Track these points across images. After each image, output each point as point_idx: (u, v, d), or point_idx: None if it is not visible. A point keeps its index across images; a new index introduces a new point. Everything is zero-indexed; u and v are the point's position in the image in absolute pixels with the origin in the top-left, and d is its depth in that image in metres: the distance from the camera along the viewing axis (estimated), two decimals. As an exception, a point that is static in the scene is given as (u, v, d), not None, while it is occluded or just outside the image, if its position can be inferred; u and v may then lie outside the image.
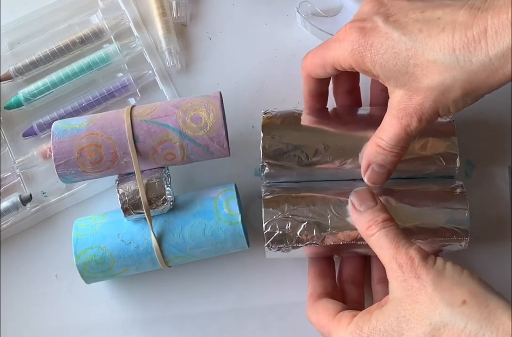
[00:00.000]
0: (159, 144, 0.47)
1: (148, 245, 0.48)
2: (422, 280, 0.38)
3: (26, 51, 0.57)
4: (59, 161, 0.47)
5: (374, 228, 0.42)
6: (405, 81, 0.39)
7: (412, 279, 0.38)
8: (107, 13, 0.57)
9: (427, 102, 0.39)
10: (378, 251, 0.41)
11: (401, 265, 0.39)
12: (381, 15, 0.41)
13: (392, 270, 0.40)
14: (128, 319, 0.53)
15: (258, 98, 0.56)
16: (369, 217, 0.43)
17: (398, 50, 0.39)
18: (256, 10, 0.58)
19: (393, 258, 0.40)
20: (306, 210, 0.46)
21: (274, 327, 0.52)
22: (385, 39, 0.39)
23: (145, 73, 0.56)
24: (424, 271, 0.38)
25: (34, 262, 0.54)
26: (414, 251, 0.39)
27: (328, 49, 0.44)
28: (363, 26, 0.41)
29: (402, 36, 0.39)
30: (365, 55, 0.40)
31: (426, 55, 0.38)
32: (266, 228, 0.46)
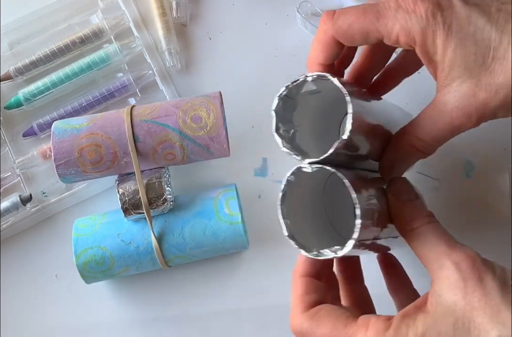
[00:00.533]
0: (159, 144, 0.47)
1: (148, 245, 0.48)
2: (487, 286, 0.33)
3: (26, 51, 0.57)
4: (59, 161, 0.47)
5: (418, 221, 0.37)
6: (476, 73, 0.35)
7: (474, 280, 0.33)
8: (107, 13, 0.57)
9: (494, 101, 0.35)
10: (420, 247, 0.36)
11: (457, 263, 0.34)
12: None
13: (442, 268, 0.34)
14: (128, 319, 0.53)
15: (258, 98, 0.56)
16: (412, 209, 0.38)
17: (480, 38, 0.35)
18: (256, 10, 0.58)
19: (445, 255, 0.34)
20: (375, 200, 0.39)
21: (274, 327, 0.52)
22: (467, 23, 0.35)
23: (145, 73, 0.56)
24: (488, 275, 0.33)
25: (34, 262, 0.54)
26: (471, 251, 0.35)
27: (385, 17, 0.36)
28: (439, 2, 0.35)
29: (487, 24, 0.35)
30: (439, 34, 0.35)
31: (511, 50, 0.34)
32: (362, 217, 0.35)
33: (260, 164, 0.54)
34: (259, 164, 0.54)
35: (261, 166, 0.54)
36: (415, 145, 0.38)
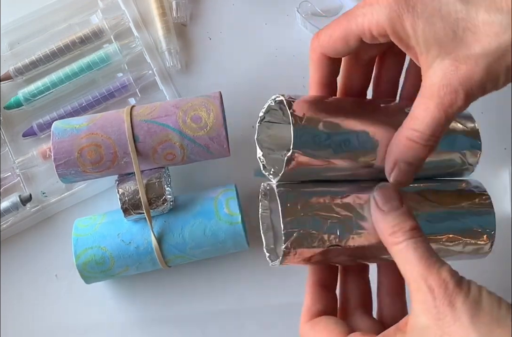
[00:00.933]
0: (159, 144, 0.47)
1: (148, 245, 0.48)
2: (457, 311, 0.33)
3: (26, 51, 0.57)
4: (59, 161, 0.47)
5: (400, 236, 0.37)
6: (451, 48, 0.34)
7: (445, 307, 0.33)
8: (107, 13, 0.57)
9: (477, 72, 0.34)
10: (402, 265, 0.36)
11: (432, 288, 0.34)
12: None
13: (419, 292, 0.35)
14: (128, 319, 0.53)
15: (258, 98, 0.56)
16: (394, 221, 0.38)
17: (446, 13, 0.34)
18: (256, 10, 0.58)
19: (422, 278, 0.35)
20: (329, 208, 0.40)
21: (274, 327, 0.52)
22: (430, 0, 0.35)
23: (145, 73, 0.56)
24: (459, 300, 0.33)
25: (34, 262, 0.54)
26: (447, 273, 0.34)
27: (354, 16, 0.38)
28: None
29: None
30: (405, 18, 0.35)
31: (481, 17, 0.34)
32: (286, 227, 0.39)
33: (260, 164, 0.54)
34: (259, 164, 0.54)
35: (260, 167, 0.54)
36: (412, 138, 0.37)
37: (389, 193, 0.39)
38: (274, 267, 0.50)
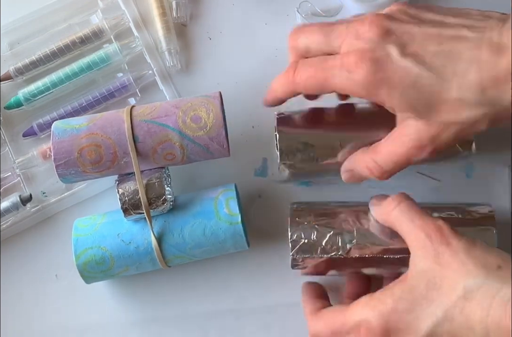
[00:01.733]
0: (159, 144, 0.47)
1: (148, 245, 0.48)
2: (454, 247, 0.38)
3: (26, 51, 0.57)
4: (59, 161, 0.47)
5: (391, 203, 0.42)
6: (425, 114, 0.38)
7: (443, 246, 0.38)
8: (107, 13, 0.57)
9: (448, 135, 0.38)
10: (399, 224, 0.41)
11: (429, 234, 0.39)
12: (394, 44, 0.38)
13: (417, 240, 0.39)
14: (128, 319, 0.53)
15: (258, 98, 0.56)
16: (386, 202, 0.43)
17: (421, 86, 0.37)
18: (256, 10, 0.58)
19: (419, 228, 0.39)
20: (331, 221, 0.46)
21: (274, 327, 0.52)
22: (406, 74, 0.37)
23: (145, 73, 0.56)
24: (455, 239, 0.38)
25: (34, 262, 0.54)
26: (441, 222, 0.39)
27: (331, 75, 0.40)
28: (376, 57, 0.38)
29: (425, 71, 0.37)
30: (380, 88, 0.38)
31: (454, 93, 0.37)
32: (292, 236, 0.46)
33: (260, 164, 0.54)
34: (259, 164, 0.54)
35: (261, 166, 0.54)
36: (370, 167, 0.42)
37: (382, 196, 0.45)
38: (274, 267, 0.51)
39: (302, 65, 0.42)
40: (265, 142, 0.53)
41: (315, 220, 0.46)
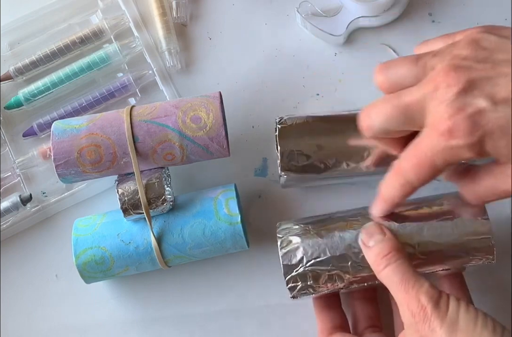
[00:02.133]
0: (159, 144, 0.47)
1: (147, 245, 0.48)
2: (437, 334, 0.37)
3: (26, 51, 0.57)
4: (59, 161, 0.47)
5: (380, 264, 0.41)
6: None
7: (426, 331, 0.37)
8: (107, 13, 0.57)
9: None
10: (390, 289, 0.41)
11: (413, 313, 0.38)
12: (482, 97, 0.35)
13: (404, 316, 0.39)
14: (128, 319, 0.53)
15: (258, 98, 0.56)
16: (376, 251, 0.42)
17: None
18: (256, 10, 0.58)
19: (404, 303, 0.39)
20: (325, 261, 0.44)
21: (274, 327, 0.52)
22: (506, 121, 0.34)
23: (145, 73, 0.56)
24: (437, 323, 0.37)
25: (34, 262, 0.54)
26: (424, 297, 0.38)
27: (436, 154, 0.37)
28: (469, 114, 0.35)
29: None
30: (485, 145, 0.35)
31: None
32: (288, 283, 0.45)
33: (260, 164, 0.54)
34: (259, 164, 0.54)
35: (261, 166, 0.54)
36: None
37: (372, 229, 0.43)
38: (274, 267, 0.51)
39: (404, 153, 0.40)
40: (265, 142, 0.54)
41: (308, 262, 0.45)
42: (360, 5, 0.54)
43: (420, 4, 0.56)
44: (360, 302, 0.49)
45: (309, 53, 0.56)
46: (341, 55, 0.56)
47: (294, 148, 0.48)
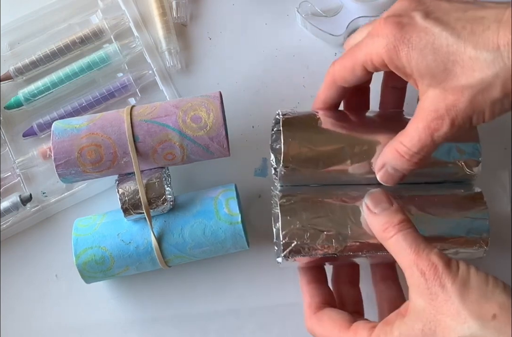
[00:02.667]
0: (159, 144, 0.47)
1: (148, 245, 0.48)
2: (448, 290, 0.36)
3: (26, 51, 0.57)
4: (59, 161, 0.47)
5: (390, 231, 0.40)
6: (441, 79, 0.38)
7: (437, 288, 0.37)
8: (107, 13, 0.57)
9: (463, 102, 0.37)
10: (396, 256, 0.40)
11: (423, 272, 0.37)
12: (419, 11, 0.39)
13: (413, 277, 0.38)
14: (128, 319, 0.53)
15: (258, 98, 0.56)
16: (384, 219, 0.41)
17: (438, 46, 0.37)
18: (256, 10, 0.58)
19: (414, 264, 0.38)
20: (325, 219, 0.44)
21: (274, 327, 0.52)
22: (425, 34, 0.38)
23: (145, 73, 0.56)
24: (449, 280, 0.36)
25: (34, 262, 0.54)
26: (436, 256, 0.38)
27: (360, 47, 0.42)
28: (399, 21, 0.39)
29: (444, 31, 0.37)
30: (401, 49, 0.38)
31: (468, 52, 0.36)
32: (284, 238, 0.44)
33: (260, 164, 0.54)
34: (259, 164, 0.54)
35: (261, 166, 0.55)
36: (399, 151, 0.41)
37: (379, 196, 0.43)
38: (274, 267, 0.51)
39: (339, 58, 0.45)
40: (265, 142, 0.53)
41: (307, 219, 0.44)
42: (360, 5, 0.54)
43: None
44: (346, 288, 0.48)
45: (309, 53, 0.56)
46: (341, 55, 0.56)
47: (298, 139, 0.45)
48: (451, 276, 0.37)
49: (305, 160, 0.45)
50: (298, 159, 0.45)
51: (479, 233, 0.45)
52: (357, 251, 0.44)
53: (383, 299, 0.48)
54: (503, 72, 0.36)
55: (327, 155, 0.45)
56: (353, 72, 0.43)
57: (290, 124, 0.46)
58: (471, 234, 0.44)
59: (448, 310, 0.36)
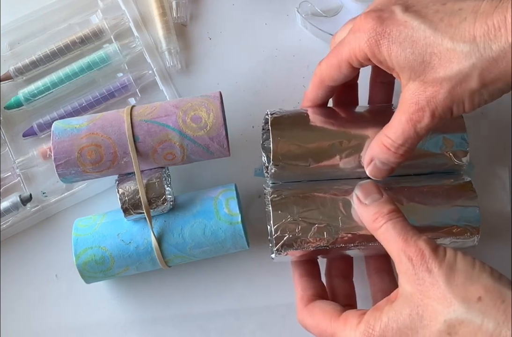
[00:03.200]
0: (159, 144, 0.47)
1: (148, 245, 0.48)
2: (434, 275, 0.37)
3: (26, 51, 0.57)
4: (59, 161, 0.47)
5: (380, 221, 0.41)
6: (420, 71, 0.38)
7: (424, 273, 0.37)
8: (107, 13, 0.57)
9: (442, 94, 0.38)
10: (386, 244, 0.40)
11: (410, 258, 0.38)
12: (399, 5, 0.40)
13: (401, 263, 0.38)
14: (128, 319, 0.53)
15: (258, 98, 0.56)
16: (374, 210, 0.42)
17: (417, 38, 0.38)
18: (256, 10, 0.58)
19: (401, 251, 0.39)
20: (316, 212, 0.45)
21: (274, 327, 0.52)
22: (404, 27, 0.38)
23: (145, 73, 0.56)
24: (435, 265, 0.37)
25: (34, 262, 0.54)
26: (423, 243, 0.38)
27: (343, 44, 0.42)
28: (380, 15, 0.40)
29: (422, 24, 0.38)
30: (381, 43, 0.39)
31: (445, 44, 0.37)
32: (276, 232, 0.45)
33: (260, 164, 0.54)
34: (259, 164, 0.54)
35: (261, 166, 0.54)
36: (385, 144, 0.41)
37: (369, 188, 0.44)
38: (274, 267, 0.51)
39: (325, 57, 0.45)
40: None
41: (298, 213, 0.45)
42: (360, 5, 0.54)
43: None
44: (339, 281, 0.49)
45: (309, 53, 0.56)
46: (341, 55, 0.56)
47: (286, 137, 0.46)
48: (438, 261, 0.37)
49: (295, 158, 0.46)
50: (287, 157, 0.46)
51: (470, 221, 0.45)
52: (349, 243, 0.45)
53: (377, 290, 0.48)
54: (480, 63, 0.36)
55: (316, 151, 0.46)
56: (339, 70, 0.43)
57: (278, 123, 0.46)
58: (462, 222, 0.45)
59: (434, 294, 0.36)
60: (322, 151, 0.46)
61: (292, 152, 0.46)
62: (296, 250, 0.45)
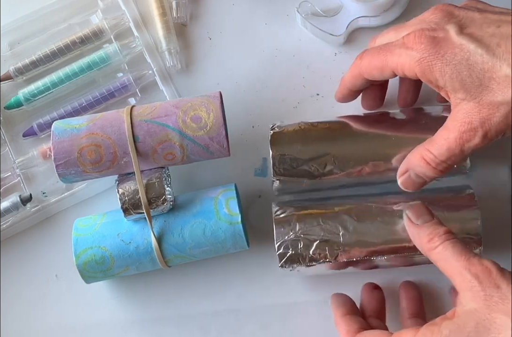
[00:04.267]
0: (159, 144, 0.47)
1: (148, 245, 0.48)
2: (503, 290, 0.37)
3: (26, 51, 0.57)
4: (59, 161, 0.47)
5: (436, 241, 0.41)
6: (477, 93, 0.39)
7: (491, 289, 0.37)
8: (107, 13, 0.57)
9: (497, 117, 0.38)
10: (443, 263, 0.41)
11: (476, 275, 0.38)
12: (454, 25, 0.40)
13: (464, 281, 0.39)
14: (128, 319, 0.53)
15: (258, 98, 0.56)
16: (429, 230, 0.42)
17: (474, 62, 0.39)
18: (256, 10, 0.58)
19: (465, 269, 0.39)
20: (317, 229, 0.47)
21: (274, 327, 0.52)
22: (460, 50, 0.39)
23: (145, 73, 0.56)
24: (504, 281, 0.37)
25: (34, 262, 0.54)
26: (489, 262, 0.39)
27: (392, 53, 0.43)
28: (434, 35, 0.40)
29: (479, 48, 0.39)
30: (434, 65, 0.40)
31: (505, 70, 0.38)
32: (279, 249, 0.47)
33: (260, 164, 0.55)
34: (259, 164, 0.54)
35: (261, 166, 0.55)
36: (426, 158, 0.42)
37: (420, 209, 0.44)
38: (274, 267, 0.51)
39: (367, 51, 0.46)
40: (265, 142, 0.53)
41: (300, 229, 0.47)
42: (360, 5, 0.54)
43: (420, 4, 0.56)
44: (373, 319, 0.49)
45: (309, 53, 0.56)
46: (341, 55, 0.56)
47: (286, 152, 0.48)
48: (505, 278, 0.38)
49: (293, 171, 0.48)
50: (288, 172, 0.48)
51: (471, 233, 0.46)
52: (351, 258, 0.46)
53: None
54: None
55: (315, 165, 0.48)
56: (381, 73, 0.44)
57: (278, 139, 0.48)
58: (463, 235, 0.46)
59: (503, 309, 0.37)
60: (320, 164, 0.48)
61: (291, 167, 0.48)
62: (301, 266, 0.47)
